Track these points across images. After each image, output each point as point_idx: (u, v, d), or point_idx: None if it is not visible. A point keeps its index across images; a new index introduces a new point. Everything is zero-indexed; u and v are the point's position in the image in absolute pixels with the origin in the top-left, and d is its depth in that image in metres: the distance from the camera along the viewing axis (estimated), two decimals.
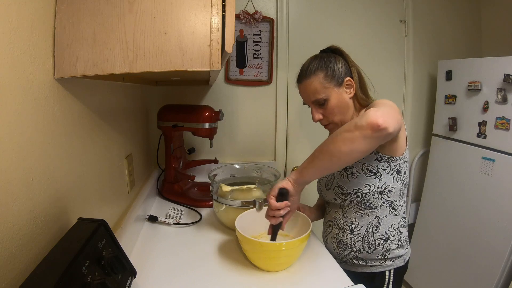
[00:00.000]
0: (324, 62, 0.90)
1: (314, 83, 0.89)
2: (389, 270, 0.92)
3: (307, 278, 0.82)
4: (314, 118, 0.94)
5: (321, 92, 0.89)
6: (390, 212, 0.91)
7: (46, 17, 0.53)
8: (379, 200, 0.90)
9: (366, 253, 0.92)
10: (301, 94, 0.97)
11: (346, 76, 0.90)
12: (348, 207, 0.93)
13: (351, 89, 0.91)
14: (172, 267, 0.85)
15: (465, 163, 1.66)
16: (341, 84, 0.90)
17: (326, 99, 0.90)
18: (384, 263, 0.92)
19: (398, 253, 0.92)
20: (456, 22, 1.96)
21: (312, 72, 0.90)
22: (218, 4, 0.56)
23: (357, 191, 0.89)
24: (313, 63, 0.91)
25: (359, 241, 0.92)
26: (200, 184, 1.45)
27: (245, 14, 1.63)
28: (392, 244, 0.91)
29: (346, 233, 0.94)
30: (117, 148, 0.94)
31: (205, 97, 1.71)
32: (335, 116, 0.92)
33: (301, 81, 0.94)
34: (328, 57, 0.91)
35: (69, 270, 0.44)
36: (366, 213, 0.91)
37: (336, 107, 0.90)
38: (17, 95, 0.46)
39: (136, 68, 0.56)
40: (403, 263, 0.93)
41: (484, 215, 1.53)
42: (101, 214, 0.78)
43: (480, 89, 1.56)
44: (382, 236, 0.90)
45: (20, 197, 0.46)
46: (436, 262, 1.80)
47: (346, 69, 0.91)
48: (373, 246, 0.91)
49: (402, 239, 0.93)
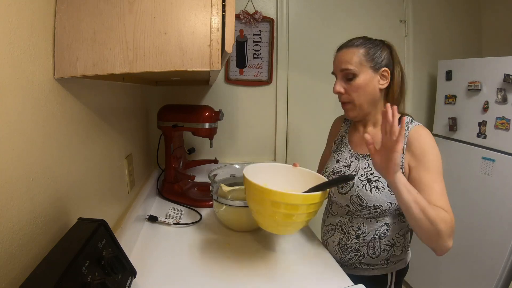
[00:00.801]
0: (371, 43, 0.87)
1: (351, 54, 0.86)
2: (391, 273, 0.91)
3: (307, 278, 0.82)
4: (335, 89, 0.89)
5: (354, 65, 0.85)
6: (400, 219, 0.89)
7: (46, 17, 0.53)
8: (393, 214, 0.88)
9: (370, 258, 0.89)
10: (334, 63, 0.91)
11: (386, 67, 0.86)
12: (363, 215, 0.88)
13: (385, 81, 0.87)
14: (172, 267, 0.85)
15: (465, 163, 1.66)
16: (377, 70, 0.86)
17: (355, 74, 0.85)
18: (386, 266, 0.90)
19: (401, 257, 0.91)
20: (456, 22, 1.96)
21: (354, 45, 0.87)
22: (218, 4, 0.56)
23: (377, 207, 0.84)
24: (360, 39, 0.88)
25: (364, 246, 0.89)
26: (200, 184, 1.45)
27: (245, 14, 1.63)
28: (397, 250, 0.89)
29: (352, 239, 0.90)
30: (117, 148, 0.94)
31: (205, 97, 1.71)
32: (357, 97, 0.86)
33: (340, 49, 0.90)
34: (376, 42, 0.88)
35: (69, 270, 0.44)
36: (375, 220, 0.88)
37: (361, 88, 0.86)
38: (17, 95, 0.46)
39: (136, 68, 0.56)
40: (405, 265, 0.93)
41: (484, 215, 1.53)
42: (101, 214, 0.78)
43: (480, 89, 1.56)
44: (388, 243, 0.88)
45: (20, 197, 0.46)
46: (436, 262, 1.80)
47: (388, 62, 0.87)
48: (378, 252, 0.88)
49: (406, 244, 0.92)
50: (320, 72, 1.74)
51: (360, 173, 0.89)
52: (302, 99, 1.80)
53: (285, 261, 0.89)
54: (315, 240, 1.01)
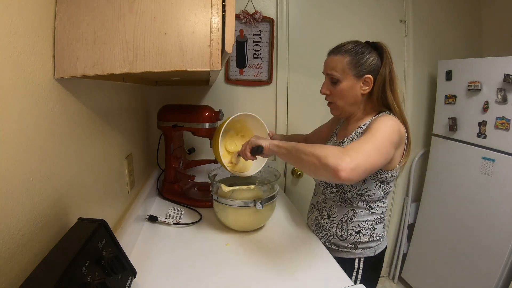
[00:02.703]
0: (357, 51, 0.91)
1: (337, 62, 0.92)
2: (359, 258, 0.97)
3: (307, 279, 0.82)
4: (321, 90, 0.99)
5: (338, 71, 0.92)
6: (367, 210, 0.95)
7: (46, 17, 0.53)
8: (357, 200, 0.94)
9: (338, 239, 0.98)
10: (324, 64, 0.99)
11: (370, 74, 0.91)
12: (329, 196, 0.99)
13: (368, 87, 0.92)
14: (172, 267, 0.85)
15: (465, 163, 1.66)
16: (360, 77, 0.91)
17: (338, 80, 0.93)
18: (354, 250, 0.97)
19: (369, 245, 0.97)
20: (456, 22, 1.96)
21: (340, 52, 0.92)
22: (218, 4, 0.56)
23: (338, 187, 0.95)
24: (348, 46, 0.93)
25: (334, 227, 0.99)
26: (200, 184, 1.45)
27: (245, 14, 1.63)
28: (363, 238, 0.96)
29: (324, 218, 1.02)
30: (117, 148, 0.94)
31: (205, 97, 1.71)
32: (340, 100, 0.95)
33: (329, 54, 0.97)
34: (365, 48, 0.92)
35: (69, 270, 0.44)
36: (344, 205, 0.97)
37: (344, 93, 0.93)
38: (17, 95, 0.46)
39: (136, 68, 0.56)
40: (374, 254, 0.97)
41: (484, 215, 1.53)
42: (101, 214, 0.78)
43: (480, 89, 1.56)
44: (355, 228, 0.96)
45: (20, 197, 0.46)
46: (436, 262, 1.80)
47: (375, 67, 0.91)
48: (345, 235, 0.97)
49: (375, 234, 0.97)
50: (320, 72, 1.71)
51: None
52: (302, 99, 1.80)
53: (285, 261, 0.90)
54: (316, 240, 1.01)
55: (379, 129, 0.80)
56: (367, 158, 0.72)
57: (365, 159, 0.71)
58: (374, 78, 0.91)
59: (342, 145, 0.98)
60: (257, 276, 0.82)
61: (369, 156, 0.72)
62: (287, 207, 1.28)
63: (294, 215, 1.20)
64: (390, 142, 0.80)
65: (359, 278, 0.97)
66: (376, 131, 0.80)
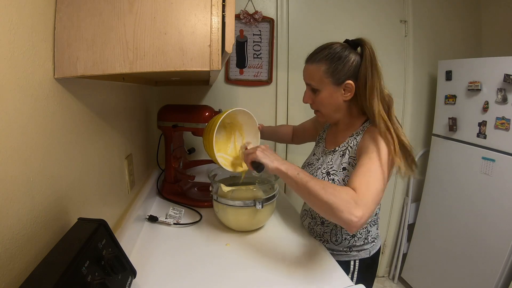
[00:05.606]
0: (333, 56, 0.86)
1: (313, 71, 0.90)
2: (354, 260, 0.96)
3: (308, 279, 0.82)
4: (303, 100, 0.97)
5: (316, 81, 0.90)
6: None
7: (46, 17, 0.53)
8: None
9: (333, 244, 0.97)
10: (303, 73, 0.96)
11: (350, 79, 0.85)
12: None
13: (349, 93, 0.88)
14: (172, 267, 0.85)
15: (465, 163, 1.66)
16: (339, 84, 0.87)
17: (317, 90, 0.90)
18: (349, 253, 0.96)
19: (363, 247, 0.96)
20: (456, 22, 1.96)
21: (316, 60, 0.89)
22: (218, 4, 0.56)
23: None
24: (324, 52, 0.88)
25: (328, 233, 0.97)
26: (200, 184, 1.45)
27: (245, 14, 1.63)
28: (358, 241, 0.95)
29: (317, 224, 1.00)
30: (117, 148, 0.94)
31: (205, 97, 1.71)
32: (323, 108, 0.93)
33: (306, 62, 0.94)
34: (342, 51, 0.86)
35: (69, 270, 0.44)
36: None
37: (325, 101, 0.91)
38: (17, 95, 0.46)
39: (136, 68, 0.56)
40: (368, 255, 0.97)
41: (484, 215, 1.53)
42: (101, 214, 0.78)
43: (480, 89, 1.56)
44: (349, 232, 0.94)
45: (20, 197, 0.46)
46: (436, 262, 1.80)
47: (355, 71, 0.85)
48: (340, 240, 0.96)
49: (369, 237, 0.97)
50: None
51: (324, 166, 0.96)
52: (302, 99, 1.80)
53: (285, 261, 0.89)
54: (315, 240, 1.01)
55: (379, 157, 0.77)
56: (376, 199, 0.71)
57: (375, 204, 0.71)
58: (356, 81, 0.85)
59: (333, 154, 0.94)
60: (257, 276, 0.82)
61: (377, 196, 0.72)
62: (287, 207, 1.28)
63: (294, 215, 1.20)
64: (389, 166, 0.80)
65: (355, 279, 0.96)
66: (377, 160, 0.77)
